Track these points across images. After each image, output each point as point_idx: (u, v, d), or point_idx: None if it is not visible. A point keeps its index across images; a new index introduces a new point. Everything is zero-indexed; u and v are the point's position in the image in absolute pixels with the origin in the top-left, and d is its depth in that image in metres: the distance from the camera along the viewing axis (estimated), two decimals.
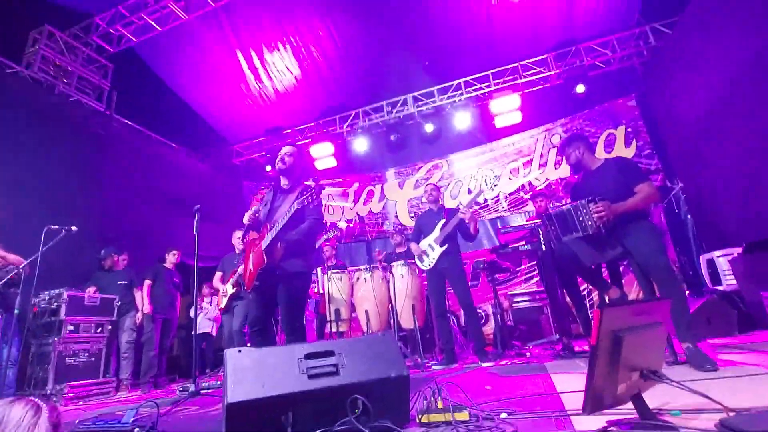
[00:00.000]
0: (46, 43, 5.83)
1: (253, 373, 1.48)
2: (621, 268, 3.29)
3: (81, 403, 4.01)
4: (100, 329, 4.69)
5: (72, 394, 4.10)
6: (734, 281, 4.33)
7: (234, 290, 4.54)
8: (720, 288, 4.50)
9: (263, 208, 2.92)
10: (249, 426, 1.43)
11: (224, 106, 8.00)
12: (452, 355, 3.99)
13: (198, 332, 6.27)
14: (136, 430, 1.70)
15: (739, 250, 4.26)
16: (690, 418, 1.37)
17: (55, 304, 4.39)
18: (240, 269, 4.48)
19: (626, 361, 1.28)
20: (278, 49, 6.97)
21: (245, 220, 2.87)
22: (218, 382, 4.15)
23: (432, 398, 1.69)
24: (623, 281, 4.07)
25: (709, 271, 4.83)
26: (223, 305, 4.64)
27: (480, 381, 2.79)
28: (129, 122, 6.86)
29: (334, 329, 4.87)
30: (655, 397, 1.63)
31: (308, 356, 1.60)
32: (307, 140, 8.38)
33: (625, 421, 1.37)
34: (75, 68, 6.10)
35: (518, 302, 5.56)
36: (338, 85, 7.66)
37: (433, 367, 3.87)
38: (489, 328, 5.85)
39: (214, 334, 6.46)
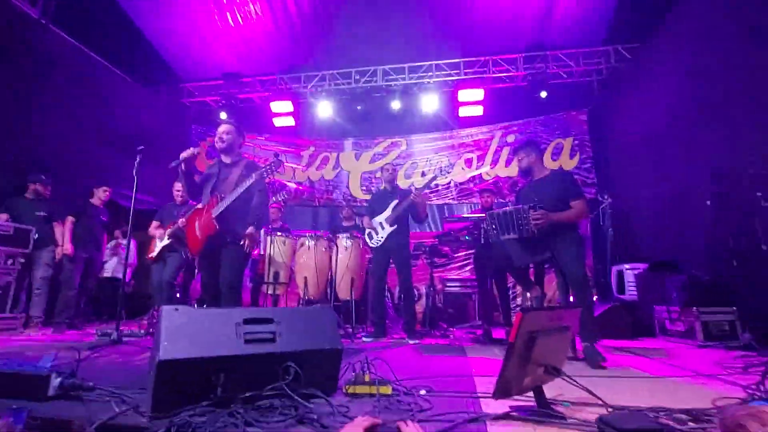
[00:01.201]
0: None
1: (188, 332, 1.48)
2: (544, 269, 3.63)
3: None
4: (11, 261, 4.31)
5: None
6: (635, 293, 4.92)
7: (169, 242, 4.36)
8: (623, 297, 5.10)
9: (208, 181, 2.98)
10: (178, 383, 1.44)
11: (180, 39, 7.33)
12: (383, 329, 4.19)
13: (104, 276, 5.96)
14: (53, 374, 1.64)
15: (645, 266, 4.83)
16: (577, 409, 1.60)
17: None
18: (181, 222, 4.29)
19: (536, 358, 1.46)
20: None
21: (183, 155, 2.85)
22: (141, 331, 4.03)
23: (361, 371, 1.81)
24: (544, 280, 4.48)
25: (617, 281, 5.44)
26: (155, 254, 4.44)
27: (407, 357, 2.98)
28: (68, 38, 6.08)
29: (270, 291, 4.87)
30: (552, 388, 1.87)
31: (247, 321, 1.63)
32: (266, 93, 7.99)
33: (525, 407, 1.57)
34: None
35: (450, 286, 5.89)
36: (308, 41, 7.31)
37: (363, 338, 4.05)
38: (420, 307, 6.16)
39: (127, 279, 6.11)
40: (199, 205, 2.96)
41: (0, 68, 5.01)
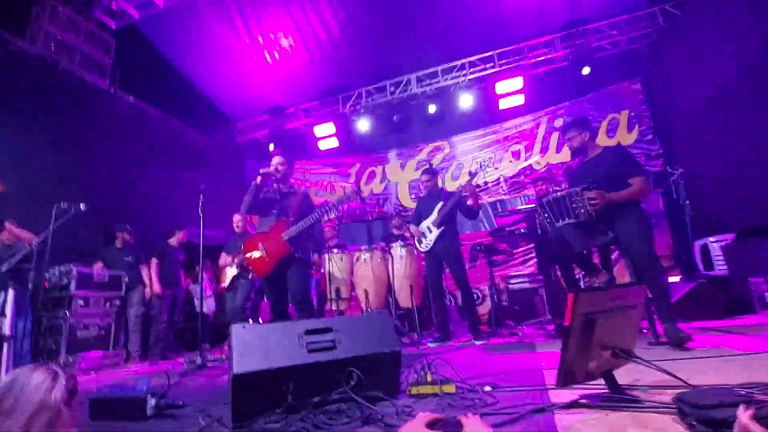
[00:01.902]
0: (49, 18, 5.80)
1: (257, 347, 1.61)
2: (613, 256, 3.41)
3: (93, 373, 4.22)
4: (108, 303, 4.88)
5: (84, 365, 4.31)
6: (725, 267, 4.43)
7: (237, 271, 4.69)
8: (712, 273, 4.61)
9: (268, 205, 3.27)
10: (253, 394, 1.56)
11: (226, 83, 7.97)
12: (447, 333, 4.15)
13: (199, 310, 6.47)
14: (149, 397, 1.85)
15: (732, 236, 4.35)
16: (656, 393, 1.49)
17: (65, 279, 4.55)
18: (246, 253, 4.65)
19: (598, 341, 1.39)
20: (281, 27, 6.91)
21: (263, 170, 3.18)
22: (223, 356, 4.35)
23: (422, 372, 1.83)
24: (616, 267, 4.20)
25: (702, 256, 4.94)
26: (226, 284, 4.79)
27: (471, 358, 2.94)
28: (132, 99, 6.88)
29: (334, 307, 5.04)
30: (631, 374, 1.76)
31: (308, 332, 1.73)
32: (309, 120, 8.38)
33: (596, 394, 1.49)
34: (77, 44, 6.08)
35: (514, 283, 5.69)
36: (341, 64, 7.60)
37: (429, 344, 4.03)
38: (485, 308, 6.01)
39: (208, 312, 6.60)
40: (262, 230, 3.22)
41: (82, 133, 5.78)
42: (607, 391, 1.48)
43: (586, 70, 6.46)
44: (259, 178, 3.16)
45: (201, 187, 3.45)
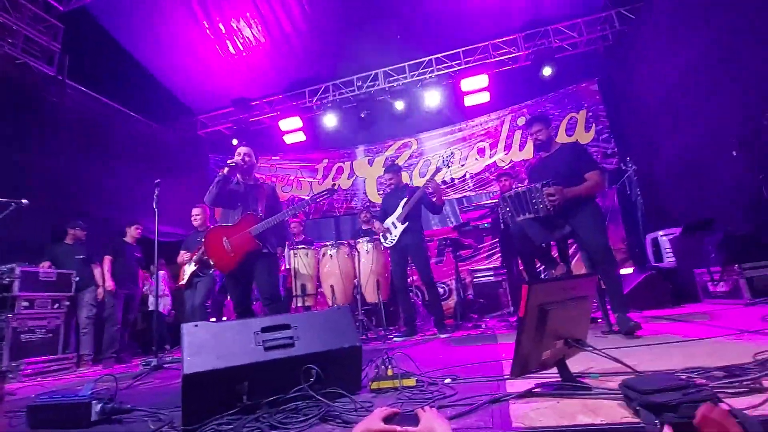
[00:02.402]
0: None
1: (209, 346, 1.54)
2: (571, 250, 3.54)
3: (39, 378, 3.96)
4: (57, 305, 4.58)
5: (29, 371, 4.04)
6: (673, 259, 4.70)
7: (195, 268, 4.52)
8: (661, 265, 4.88)
9: (232, 198, 3.16)
10: (206, 396, 1.50)
11: (188, 74, 7.64)
12: (413, 327, 4.18)
13: (149, 309, 6.21)
14: (94, 402, 1.73)
15: (679, 230, 4.61)
16: (606, 380, 1.55)
17: (7, 279, 4.23)
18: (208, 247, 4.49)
19: (552, 331, 1.43)
20: (244, 16, 6.68)
21: (231, 161, 3.07)
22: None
23: (383, 367, 1.82)
24: (574, 260, 4.36)
25: (653, 249, 5.22)
26: (184, 281, 4.61)
27: (435, 351, 2.97)
28: (84, 89, 6.47)
29: (300, 303, 4.96)
30: (581, 362, 1.82)
31: (265, 329, 1.68)
32: (275, 113, 8.19)
33: (550, 383, 1.53)
34: (20, 27, 5.64)
35: (479, 277, 5.81)
36: (308, 56, 7.46)
37: (395, 338, 4.05)
38: (451, 302, 6.11)
39: (164, 311, 6.34)
40: (226, 224, 3.11)
41: (26, 124, 5.38)
42: (560, 379, 1.53)
43: (547, 71, 6.65)
44: (226, 169, 3.05)
45: (156, 181, 3.28)
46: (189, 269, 4.55)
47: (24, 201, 3.62)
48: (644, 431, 1.09)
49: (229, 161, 3.09)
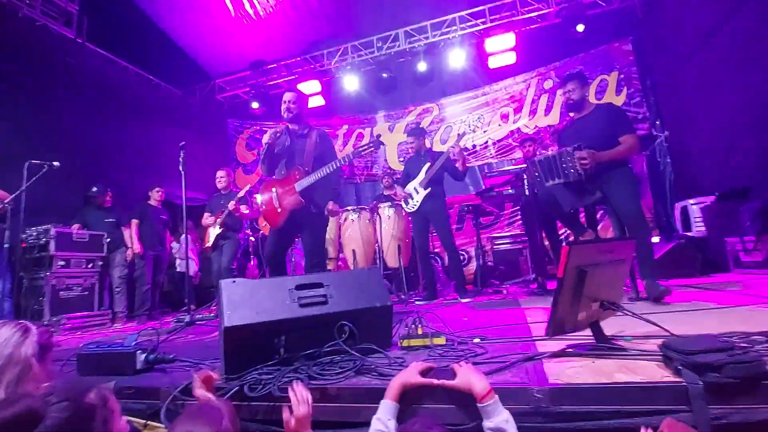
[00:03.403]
0: None
1: (247, 301, 1.58)
2: (598, 215, 3.46)
3: (79, 333, 4.20)
4: (91, 264, 4.78)
5: (69, 325, 4.27)
6: (703, 228, 4.57)
7: (221, 230, 4.61)
8: (689, 234, 4.76)
9: (279, 151, 3.05)
10: (245, 347, 1.56)
11: (205, 37, 7.51)
12: (434, 291, 4.22)
13: (177, 271, 6.40)
14: (138, 352, 1.83)
15: (712, 198, 4.45)
16: (640, 343, 1.54)
17: (44, 239, 4.42)
18: (231, 205, 4.55)
19: (588, 293, 1.41)
20: None
21: (266, 139, 2.97)
22: (212, 315, 4.36)
23: (413, 326, 1.85)
24: (600, 226, 4.27)
25: (681, 217, 5.07)
26: (210, 243, 4.73)
27: (458, 314, 3.00)
28: (103, 52, 6.45)
29: None
30: (614, 326, 1.82)
31: (299, 287, 1.71)
32: (292, 77, 8.04)
33: (583, 345, 1.54)
34: None
35: (499, 244, 5.79)
36: (326, 16, 7.21)
37: (416, 302, 4.11)
38: (471, 268, 6.13)
39: (191, 273, 6.50)
40: (275, 176, 3.02)
41: (47, 87, 5.43)
42: (593, 341, 1.53)
43: (580, 27, 6.28)
44: (266, 137, 2.95)
45: (181, 143, 3.30)
46: (214, 232, 4.66)
47: (56, 163, 3.71)
48: (685, 390, 1.09)
49: (269, 131, 3.00)
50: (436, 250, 5.60)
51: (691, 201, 4.90)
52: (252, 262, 6.01)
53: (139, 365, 1.82)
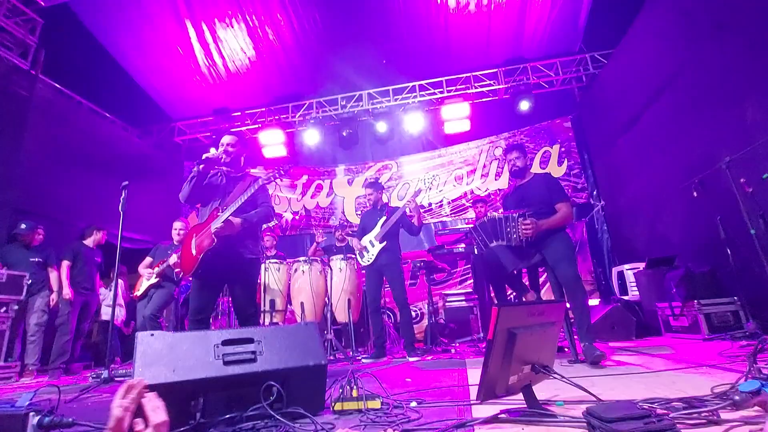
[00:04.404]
0: None
1: (164, 357, 1.46)
2: (542, 279, 3.60)
3: None
4: (4, 309, 4.28)
5: None
6: (637, 292, 4.85)
7: (156, 280, 4.34)
8: (626, 297, 5.02)
9: (211, 192, 2.84)
10: None
11: (169, 79, 7.54)
12: (382, 349, 4.10)
13: (102, 319, 5.88)
14: (31, 414, 1.60)
15: (644, 264, 4.78)
16: (570, 408, 1.55)
17: None
18: (172, 259, 4.31)
19: (519, 356, 1.42)
20: (232, 27, 6.70)
21: (206, 155, 2.73)
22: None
23: (347, 387, 1.76)
24: (544, 289, 4.43)
25: (618, 282, 5.37)
26: (140, 292, 4.41)
27: (403, 374, 2.91)
28: (57, 85, 6.27)
29: (268, 320, 4.81)
30: (547, 389, 1.82)
31: (225, 342, 1.60)
32: (256, 125, 8.14)
33: (515, 409, 1.52)
34: None
35: (451, 302, 5.80)
36: (293, 72, 7.51)
37: (363, 360, 3.96)
38: (423, 325, 6.06)
39: (117, 322, 5.93)
40: (201, 220, 2.79)
41: None
42: (525, 406, 1.51)
43: (524, 105, 6.92)
44: (201, 165, 2.69)
45: (123, 183, 3.16)
46: (147, 281, 4.36)
47: None
48: None
49: (204, 155, 2.73)
50: (388, 306, 5.53)
51: (627, 266, 5.24)
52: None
53: (30, 430, 1.58)
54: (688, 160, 4.35)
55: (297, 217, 8.48)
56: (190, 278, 2.80)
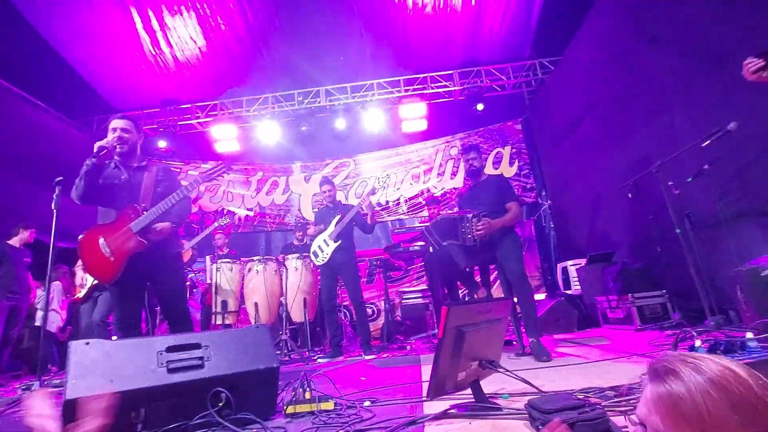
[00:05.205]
0: None
1: (101, 366, 1.37)
2: (492, 276, 3.74)
3: None
4: None
5: None
6: (579, 287, 5.16)
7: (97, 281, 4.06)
8: (569, 292, 5.33)
9: (112, 188, 2.50)
10: None
11: (112, 68, 7.01)
12: (338, 348, 4.09)
13: (36, 324, 5.42)
14: None
15: (585, 260, 5.10)
16: (515, 400, 1.63)
17: None
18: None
19: (467, 353, 1.48)
20: (180, 14, 6.35)
21: (100, 143, 2.36)
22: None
23: (300, 389, 1.74)
24: (495, 285, 4.60)
25: (563, 277, 5.70)
26: (81, 294, 4.11)
27: (358, 373, 2.92)
28: None
29: (219, 321, 4.64)
30: (495, 383, 1.90)
31: (170, 349, 1.54)
32: (208, 119, 7.80)
33: (464, 404, 1.58)
34: None
35: (408, 298, 5.88)
36: (247, 65, 7.26)
37: (319, 360, 3.93)
38: (379, 323, 6.10)
39: (53, 329, 5.46)
40: (105, 221, 2.46)
41: None
42: (473, 400, 1.57)
43: (480, 107, 7.14)
44: (94, 159, 2.34)
45: (56, 179, 2.92)
46: (91, 280, 4.07)
47: None
48: None
49: (97, 143, 2.37)
50: (345, 303, 5.52)
51: (570, 262, 5.56)
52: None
53: None
54: (624, 163, 4.68)
55: (251, 215, 8.23)
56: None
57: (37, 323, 5.46)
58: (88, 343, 1.40)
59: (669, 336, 3.15)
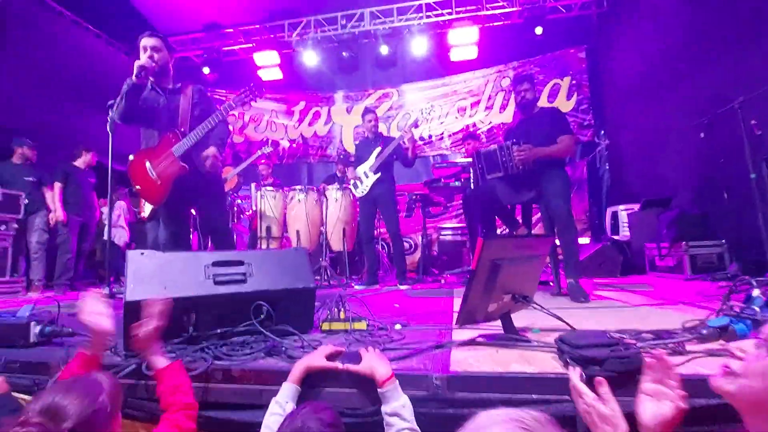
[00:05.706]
0: None
1: (155, 275, 1.49)
2: (534, 218, 3.62)
3: None
4: (4, 227, 4.34)
5: None
6: (628, 232, 4.92)
7: None
8: (616, 237, 5.10)
9: (150, 111, 2.55)
10: None
11: None
12: (375, 277, 4.25)
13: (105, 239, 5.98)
14: (32, 323, 1.68)
15: (638, 205, 4.79)
16: (545, 335, 1.62)
17: None
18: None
19: (501, 285, 1.46)
20: None
21: (139, 62, 2.37)
22: None
23: (335, 309, 1.84)
24: (536, 229, 4.47)
25: (611, 222, 5.43)
26: (146, 213, 4.44)
27: (393, 300, 3.04)
28: None
29: (264, 246, 4.92)
30: (528, 318, 1.90)
31: (216, 264, 1.64)
32: (250, 44, 7.65)
33: (494, 335, 1.60)
34: None
35: (445, 235, 5.92)
36: None
37: (356, 286, 4.12)
38: (416, 257, 6.23)
39: (120, 243, 6.00)
40: (149, 144, 2.54)
41: None
42: (503, 332, 1.59)
43: (539, 30, 6.46)
44: (134, 77, 2.36)
45: (109, 102, 3.01)
46: None
47: None
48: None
49: (137, 63, 2.36)
50: (383, 236, 5.64)
51: (621, 207, 5.26)
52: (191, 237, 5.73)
53: (33, 338, 1.68)
54: (698, 100, 4.15)
55: (294, 145, 8.31)
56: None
57: (105, 237, 6.07)
58: (143, 254, 1.52)
59: (721, 287, 2.98)
